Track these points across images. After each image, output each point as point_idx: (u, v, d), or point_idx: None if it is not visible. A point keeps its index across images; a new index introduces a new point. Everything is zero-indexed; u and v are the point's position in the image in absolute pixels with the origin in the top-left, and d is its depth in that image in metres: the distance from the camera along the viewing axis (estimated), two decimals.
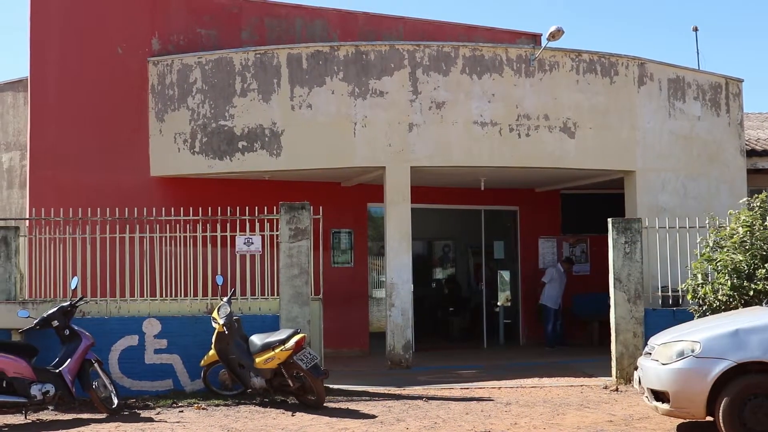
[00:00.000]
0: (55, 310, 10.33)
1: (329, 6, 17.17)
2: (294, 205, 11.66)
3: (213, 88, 14.37)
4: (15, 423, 9.67)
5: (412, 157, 13.92)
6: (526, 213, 17.93)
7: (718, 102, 15.95)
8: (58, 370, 9.89)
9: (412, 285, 13.97)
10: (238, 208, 11.86)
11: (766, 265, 10.54)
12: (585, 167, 14.74)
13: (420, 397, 10.81)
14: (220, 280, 11.34)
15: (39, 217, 12.23)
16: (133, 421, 9.64)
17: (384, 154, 13.90)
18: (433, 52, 14.05)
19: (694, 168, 15.48)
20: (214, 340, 10.80)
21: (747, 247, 10.81)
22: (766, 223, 10.93)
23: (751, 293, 10.51)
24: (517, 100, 14.17)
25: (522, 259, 17.95)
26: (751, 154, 16.96)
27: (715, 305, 10.79)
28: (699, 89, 15.66)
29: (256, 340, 10.61)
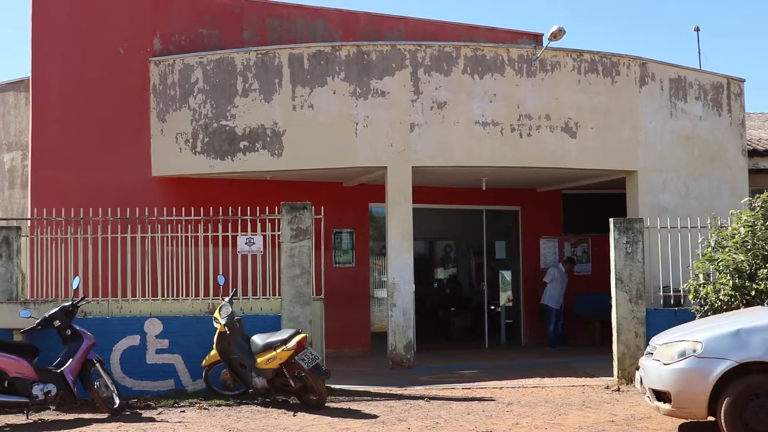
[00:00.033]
0: (56, 310, 10.34)
1: (331, 6, 17.21)
2: (295, 205, 11.67)
3: (214, 88, 14.37)
4: (17, 423, 9.68)
5: (413, 157, 13.92)
6: (527, 213, 17.92)
7: (720, 102, 15.95)
8: (59, 370, 9.90)
9: (414, 285, 13.98)
10: (239, 208, 11.86)
11: None
12: (586, 167, 14.74)
13: (421, 397, 10.81)
14: (221, 280, 11.35)
15: (41, 217, 12.24)
16: (134, 421, 9.65)
17: (385, 154, 13.90)
18: (434, 52, 14.05)
19: (696, 168, 15.47)
20: (215, 340, 10.80)
21: (749, 247, 10.81)
22: (767, 223, 10.92)
23: (752, 293, 10.50)
24: (518, 100, 14.17)
25: (523, 259, 17.94)
26: (753, 154, 16.96)
27: (716, 305, 10.79)
28: (700, 89, 15.65)
29: (258, 340, 10.61)
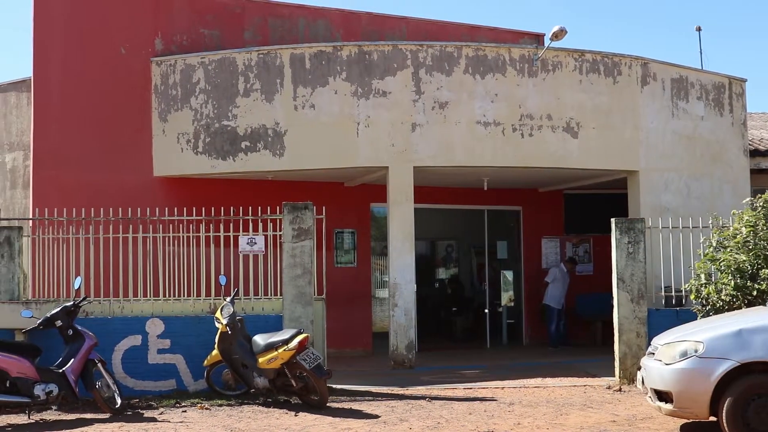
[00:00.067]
0: (58, 310, 10.34)
1: (332, 6, 17.22)
2: (297, 205, 11.67)
3: (216, 88, 14.38)
4: (18, 423, 9.69)
5: (415, 157, 13.92)
6: (529, 213, 17.92)
7: (722, 102, 15.94)
8: (61, 370, 9.90)
9: (415, 285, 13.98)
10: (241, 208, 11.86)
11: None
12: (588, 167, 14.73)
13: (423, 397, 10.80)
14: (223, 280, 11.36)
15: (42, 217, 12.24)
16: (136, 421, 9.65)
17: (387, 154, 13.89)
18: (436, 52, 14.05)
19: (697, 168, 15.46)
20: (217, 340, 10.80)
21: (750, 247, 10.80)
22: None
23: (754, 293, 10.49)
24: (520, 99, 14.16)
25: (525, 259, 17.94)
26: (755, 154, 16.95)
27: (718, 305, 10.77)
28: (702, 89, 15.64)
29: (259, 340, 10.61)
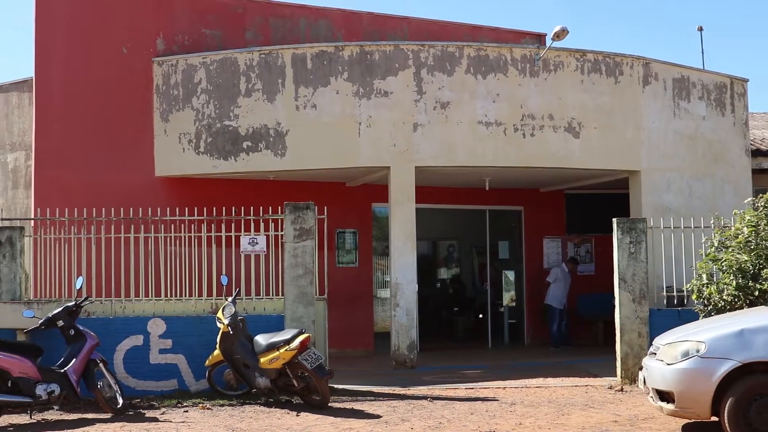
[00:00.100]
0: (60, 310, 10.36)
1: (333, 6, 17.21)
2: (299, 205, 11.67)
3: (217, 88, 14.38)
4: (20, 423, 9.70)
5: (416, 157, 13.91)
6: (530, 213, 17.92)
7: (723, 102, 15.93)
8: (63, 370, 9.91)
9: (417, 285, 13.97)
10: (242, 208, 11.86)
11: None
12: (590, 167, 14.73)
13: (425, 397, 10.80)
14: (224, 280, 11.35)
15: (44, 217, 12.24)
16: (138, 420, 9.66)
17: (388, 154, 13.89)
18: (437, 52, 14.04)
19: (699, 168, 15.45)
20: (218, 340, 10.81)
21: (752, 247, 10.78)
22: None
23: (756, 293, 10.48)
24: (521, 100, 14.16)
25: (527, 259, 17.93)
26: (756, 154, 16.94)
27: (720, 305, 10.76)
28: (704, 89, 15.63)
29: (261, 340, 10.61)
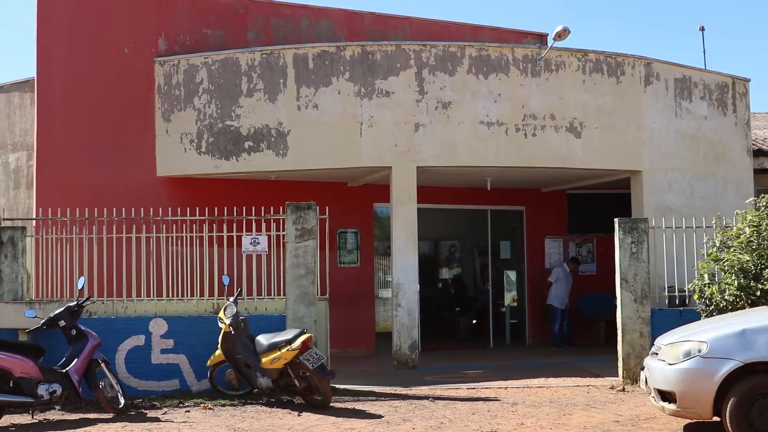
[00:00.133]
0: (61, 310, 10.36)
1: (335, 6, 17.19)
2: (300, 205, 11.67)
3: (219, 88, 14.38)
4: (22, 423, 9.71)
5: (418, 157, 13.91)
6: (532, 213, 17.91)
7: (725, 102, 15.92)
8: (64, 370, 9.91)
9: (419, 285, 13.97)
10: (244, 208, 11.87)
11: None
12: (591, 167, 14.72)
13: (426, 397, 10.80)
14: (226, 280, 11.35)
15: (46, 218, 12.25)
16: (139, 420, 9.66)
17: (390, 154, 13.89)
18: (439, 52, 14.04)
19: (701, 168, 15.44)
20: (220, 340, 10.81)
21: (754, 247, 10.79)
22: None
23: (758, 293, 10.48)
24: (523, 99, 14.15)
25: (528, 259, 17.93)
26: (758, 153, 16.93)
27: (721, 305, 10.77)
28: (705, 89, 15.63)
29: (263, 340, 10.61)
